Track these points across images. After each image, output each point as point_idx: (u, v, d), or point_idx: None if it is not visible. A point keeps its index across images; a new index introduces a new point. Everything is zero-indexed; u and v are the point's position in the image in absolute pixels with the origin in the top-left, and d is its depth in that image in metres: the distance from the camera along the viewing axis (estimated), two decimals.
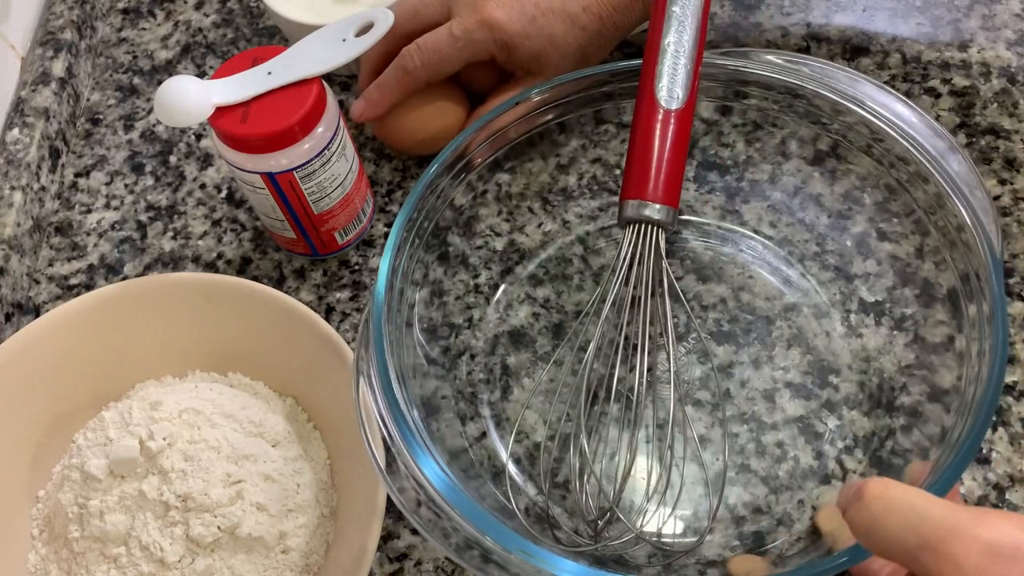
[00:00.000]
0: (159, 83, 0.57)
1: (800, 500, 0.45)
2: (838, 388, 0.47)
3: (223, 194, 0.58)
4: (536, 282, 0.52)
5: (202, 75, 0.64)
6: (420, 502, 0.37)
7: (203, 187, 0.59)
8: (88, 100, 0.64)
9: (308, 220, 0.50)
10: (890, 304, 0.48)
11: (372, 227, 0.55)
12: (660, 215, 0.44)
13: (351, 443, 0.44)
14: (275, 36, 0.65)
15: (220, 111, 0.45)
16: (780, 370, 0.48)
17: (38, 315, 0.53)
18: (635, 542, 0.43)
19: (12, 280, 0.54)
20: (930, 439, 0.42)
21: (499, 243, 0.53)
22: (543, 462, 0.46)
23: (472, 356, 0.50)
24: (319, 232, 0.52)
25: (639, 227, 0.44)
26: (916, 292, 0.47)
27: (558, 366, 0.49)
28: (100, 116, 0.63)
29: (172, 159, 0.60)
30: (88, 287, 0.55)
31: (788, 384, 0.48)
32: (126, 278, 0.55)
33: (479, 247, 0.52)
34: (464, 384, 0.49)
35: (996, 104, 0.56)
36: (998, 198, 0.53)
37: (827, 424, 0.46)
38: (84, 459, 0.43)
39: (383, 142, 0.57)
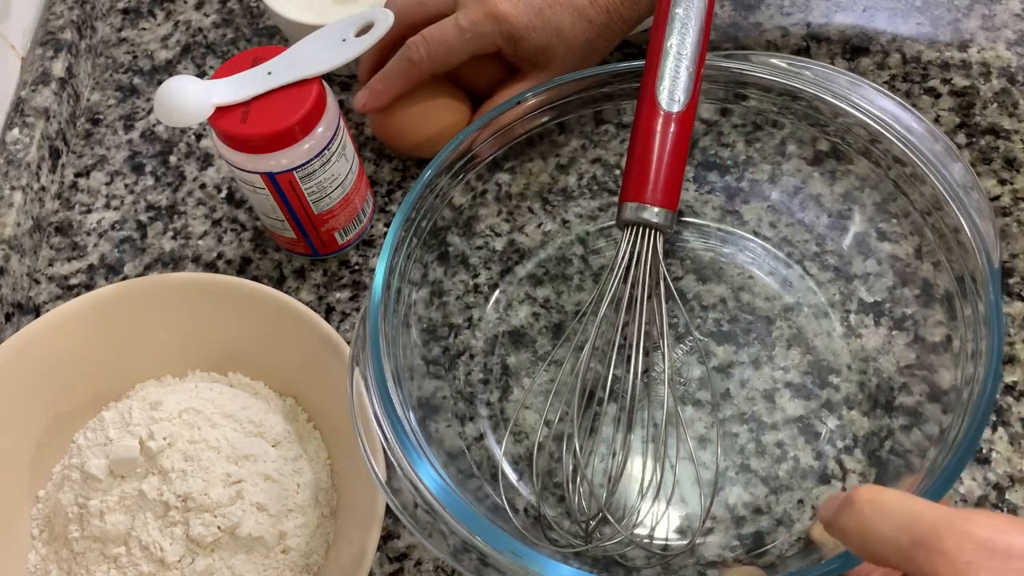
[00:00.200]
0: (159, 83, 0.57)
1: (800, 500, 0.45)
2: (838, 388, 0.47)
3: (223, 194, 0.58)
4: (536, 282, 0.52)
5: (202, 75, 0.64)
6: (415, 504, 0.37)
7: (203, 187, 0.59)
8: (88, 100, 0.64)
9: (308, 220, 0.50)
10: (890, 304, 0.48)
11: (372, 227, 0.55)
12: (659, 219, 0.44)
13: (351, 443, 0.44)
14: (275, 36, 0.65)
15: (220, 111, 0.45)
16: (780, 370, 0.48)
17: (38, 315, 0.53)
18: (626, 544, 0.43)
19: (12, 280, 0.54)
20: (929, 439, 0.42)
21: (499, 243, 0.53)
22: (536, 463, 0.46)
23: (471, 356, 0.50)
24: (319, 232, 0.52)
25: (637, 230, 0.45)
26: (916, 292, 0.47)
27: (558, 366, 0.49)
28: (100, 116, 0.63)
29: (172, 159, 0.60)
30: (88, 287, 0.56)
31: (788, 384, 0.48)
32: (126, 278, 0.55)
33: (479, 247, 0.52)
34: (463, 384, 0.49)
35: (996, 104, 0.56)
36: (998, 198, 0.53)
37: (827, 424, 0.46)
38: (84, 459, 0.43)
39: (383, 144, 0.57)
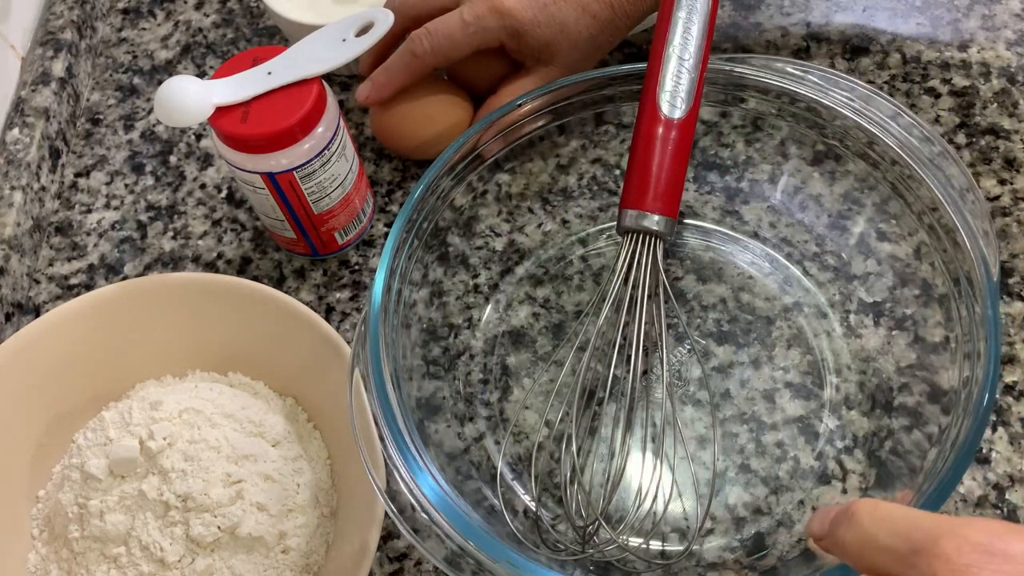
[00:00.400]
0: (159, 83, 0.57)
1: (800, 501, 0.45)
2: (838, 388, 0.47)
3: (223, 194, 0.58)
4: (536, 282, 0.52)
5: (202, 75, 0.64)
6: (412, 508, 0.37)
7: (203, 187, 0.59)
8: (88, 100, 0.64)
9: (308, 220, 0.50)
10: (889, 304, 0.48)
11: (372, 227, 0.55)
12: (659, 226, 0.44)
13: (351, 443, 0.44)
14: (275, 36, 0.65)
15: (220, 111, 0.45)
16: (780, 370, 0.48)
17: (38, 315, 0.53)
18: (622, 550, 0.43)
19: (12, 280, 0.54)
20: (929, 439, 0.42)
21: (499, 243, 0.53)
22: (536, 464, 0.46)
23: (471, 356, 0.50)
24: (319, 232, 0.52)
25: (638, 237, 0.44)
26: (915, 293, 0.47)
27: (558, 366, 0.49)
28: (100, 116, 0.63)
29: (172, 159, 0.60)
30: (88, 287, 0.56)
31: (788, 384, 0.48)
32: (126, 278, 0.55)
33: (479, 247, 0.52)
34: (463, 385, 0.49)
35: (996, 104, 0.56)
36: (998, 198, 0.53)
37: (827, 424, 0.46)
38: (84, 459, 0.43)
39: (383, 145, 0.57)
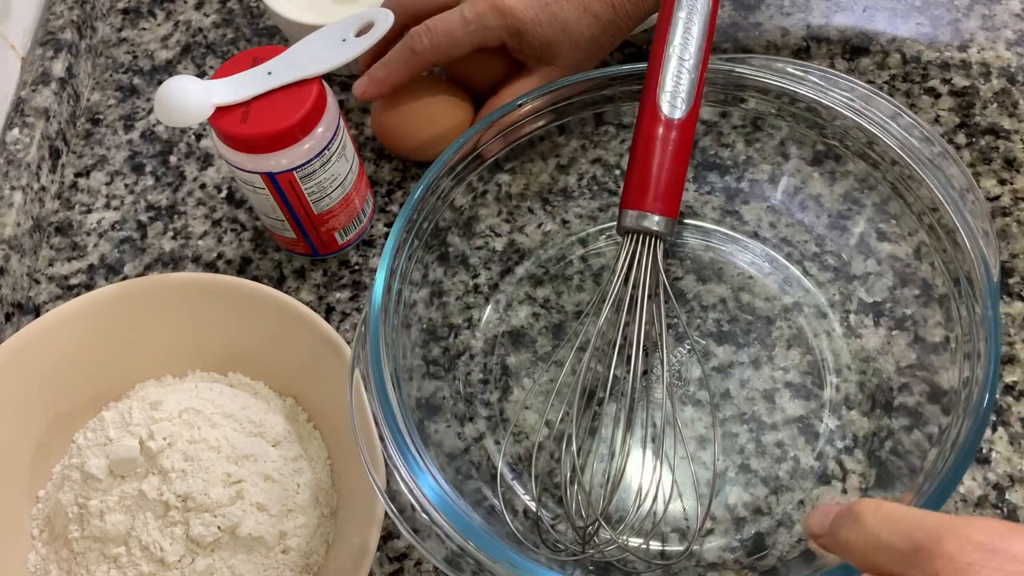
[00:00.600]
0: (159, 83, 0.57)
1: (800, 501, 0.45)
2: (838, 388, 0.47)
3: (223, 194, 0.58)
4: (536, 282, 0.52)
5: (202, 75, 0.64)
6: (412, 509, 0.37)
7: (203, 187, 0.59)
8: (88, 100, 0.64)
9: (308, 220, 0.50)
10: (890, 304, 0.48)
11: (372, 227, 0.55)
12: (659, 227, 0.44)
13: (351, 443, 0.44)
14: (275, 36, 0.65)
15: (220, 111, 0.45)
16: (780, 370, 0.48)
17: (38, 315, 0.53)
18: (622, 550, 0.43)
19: (12, 280, 0.54)
20: (929, 439, 0.42)
21: (499, 243, 0.53)
22: (536, 464, 0.46)
23: (471, 356, 0.50)
24: (319, 232, 0.52)
25: (638, 237, 0.44)
26: (915, 293, 0.47)
27: (558, 366, 0.49)
28: (100, 116, 0.63)
29: (172, 159, 0.60)
30: (88, 287, 0.56)
31: (788, 384, 0.48)
32: (126, 278, 0.55)
33: (479, 247, 0.52)
34: (463, 385, 0.49)
35: (996, 104, 0.56)
36: (998, 198, 0.53)
37: (827, 424, 0.46)
38: (84, 459, 0.43)
39: (383, 146, 0.57)
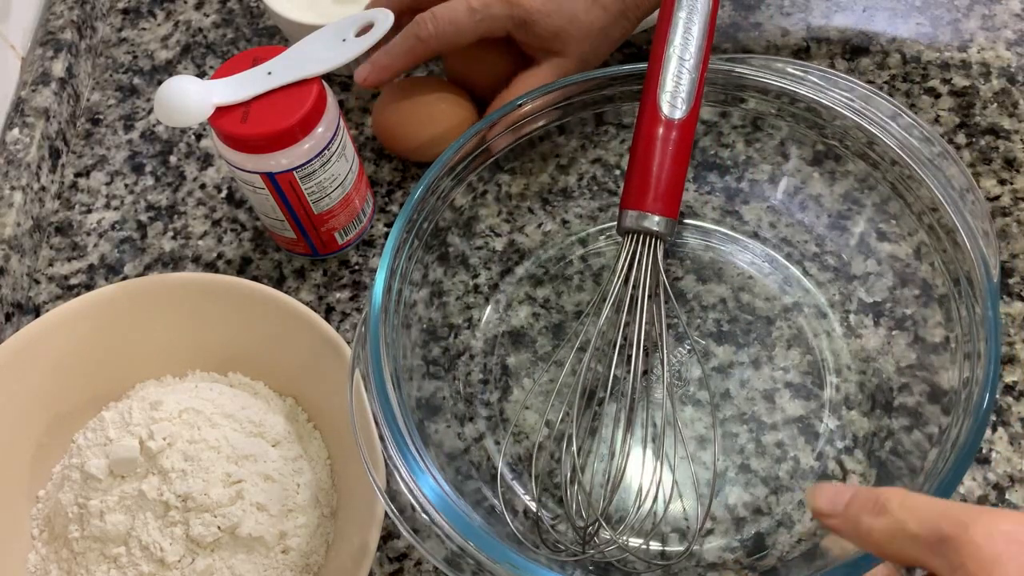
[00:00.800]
0: (159, 83, 0.57)
1: (800, 501, 0.45)
2: (838, 388, 0.47)
3: (223, 194, 0.58)
4: (536, 282, 0.52)
5: (202, 75, 0.64)
6: (412, 509, 0.37)
7: (203, 187, 0.59)
8: (88, 100, 0.64)
9: (308, 220, 0.50)
10: (890, 304, 0.48)
11: (372, 227, 0.55)
12: (659, 227, 0.44)
13: (351, 443, 0.44)
14: (275, 36, 0.65)
15: (220, 111, 0.45)
16: (780, 370, 0.48)
17: (38, 315, 0.53)
18: (622, 551, 0.43)
19: (12, 280, 0.54)
20: (929, 440, 0.42)
21: (499, 243, 0.53)
22: (536, 464, 0.46)
23: (471, 356, 0.50)
24: (319, 232, 0.52)
25: (638, 238, 0.44)
26: (915, 293, 0.47)
27: (558, 366, 0.49)
28: (100, 116, 0.63)
29: (172, 159, 0.60)
30: (88, 287, 0.56)
31: (788, 384, 0.48)
32: (126, 278, 0.55)
33: (479, 247, 0.52)
34: (463, 385, 0.49)
35: (996, 104, 0.56)
36: (998, 198, 0.53)
37: (827, 424, 0.46)
38: (84, 459, 0.43)
39: (384, 146, 0.57)
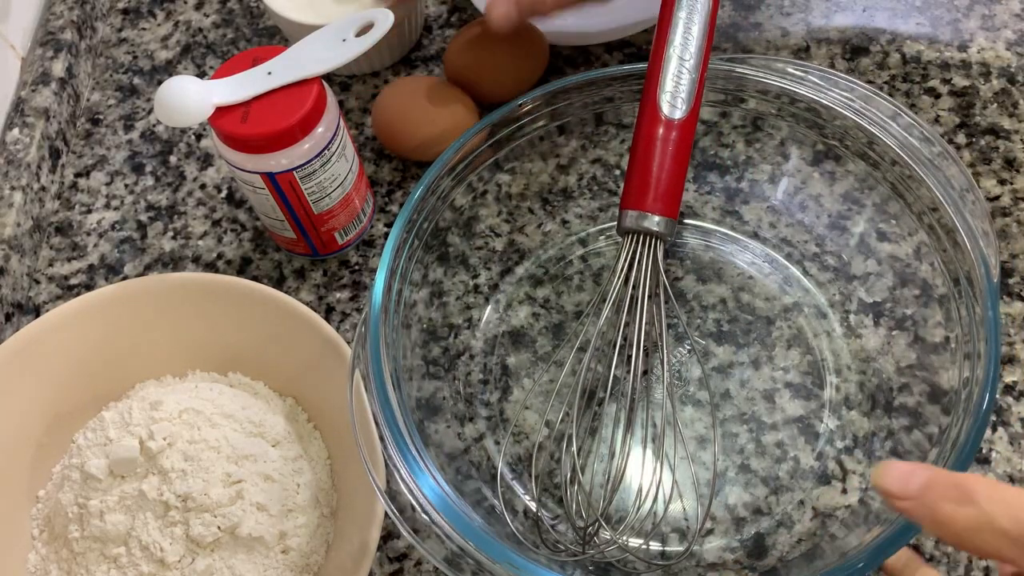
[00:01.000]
0: (159, 83, 0.57)
1: (800, 501, 0.45)
2: (838, 388, 0.47)
3: (223, 194, 0.58)
4: (536, 282, 0.52)
5: (202, 75, 0.64)
6: (412, 509, 0.37)
7: (203, 187, 0.59)
8: (88, 100, 0.64)
9: (308, 220, 0.50)
10: (890, 304, 0.48)
11: (372, 227, 0.55)
12: (659, 227, 0.44)
13: (351, 443, 0.44)
14: (275, 36, 0.65)
15: (220, 111, 0.45)
16: (780, 370, 0.48)
17: (38, 315, 0.53)
18: (622, 551, 0.43)
19: (12, 280, 0.54)
20: (929, 440, 0.42)
21: (499, 243, 0.53)
22: (536, 464, 0.46)
23: (471, 357, 0.50)
24: (319, 232, 0.52)
25: (638, 238, 0.44)
26: (915, 293, 0.47)
27: (558, 366, 0.49)
28: (100, 116, 0.63)
29: (172, 159, 0.60)
30: (88, 287, 0.56)
31: (788, 384, 0.48)
32: (126, 278, 0.55)
33: (479, 247, 0.52)
34: (463, 385, 0.49)
35: (996, 104, 0.56)
36: (998, 198, 0.53)
37: (827, 424, 0.46)
38: (84, 459, 0.43)
39: (384, 146, 0.57)
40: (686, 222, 0.53)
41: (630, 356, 0.44)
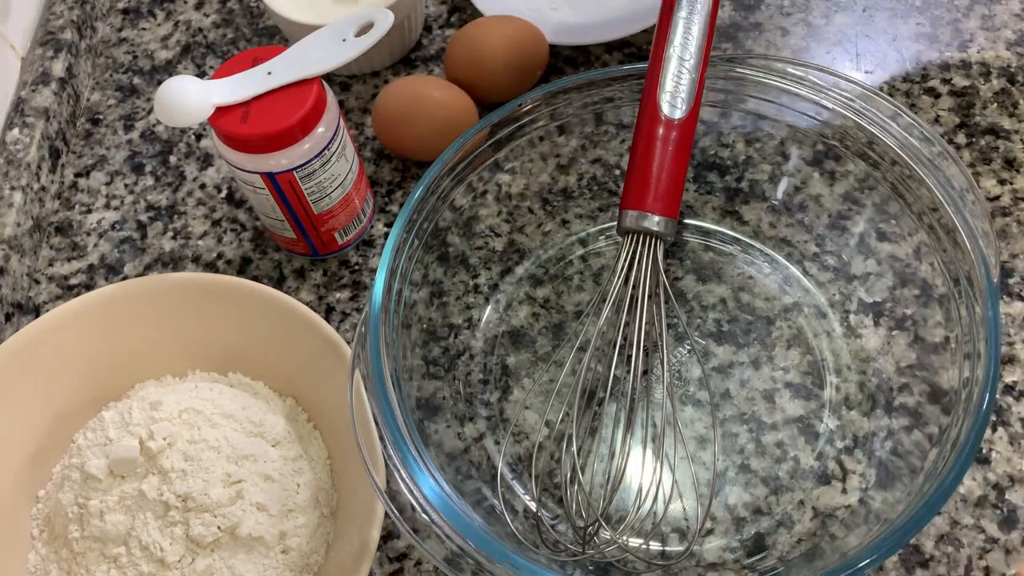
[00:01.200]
0: (159, 83, 0.57)
1: (800, 501, 0.45)
2: (838, 388, 0.47)
3: (223, 194, 0.58)
4: (536, 282, 0.52)
5: (202, 75, 0.64)
6: (412, 509, 0.37)
7: (203, 187, 0.59)
8: (88, 100, 0.64)
9: (308, 220, 0.50)
10: (890, 304, 0.48)
11: (372, 227, 0.55)
12: (659, 227, 0.44)
13: (351, 443, 0.44)
14: (275, 36, 0.65)
15: (220, 111, 0.45)
16: (780, 370, 0.48)
17: (38, 315, 0.53)
18: (622, 551, 0.43)
19: (12, 280, 0.54)
20: (929, 440, 0.42)
21: (499, 243, 0.53)
22: (536, 464, 0.46)
23: (471, 356, 0.50)
24: (319, 232, 0.52)
25: (638, 238, 0.44)
26: (915, 293, 0.47)
27: (558, 366, 0.49)
28: (100, 116, 0.63)
29: (172, 159, 0.60)
30: (88, 287, 0.56)
31: (787, 384, 0.48)
32: (126, 278, 0.55)
33: (479, 247, 0.52)
34: (463, 385, 0.49)
35: (996, 104, 0.56)
36: (998, 198, 0.53)
37: (827, 424, 0.46)
38: (84, 459, 0.43)
39: (384, 146, 0.57)
40: (686, 222, 0.53)
41: (630, 356, 0.44)
